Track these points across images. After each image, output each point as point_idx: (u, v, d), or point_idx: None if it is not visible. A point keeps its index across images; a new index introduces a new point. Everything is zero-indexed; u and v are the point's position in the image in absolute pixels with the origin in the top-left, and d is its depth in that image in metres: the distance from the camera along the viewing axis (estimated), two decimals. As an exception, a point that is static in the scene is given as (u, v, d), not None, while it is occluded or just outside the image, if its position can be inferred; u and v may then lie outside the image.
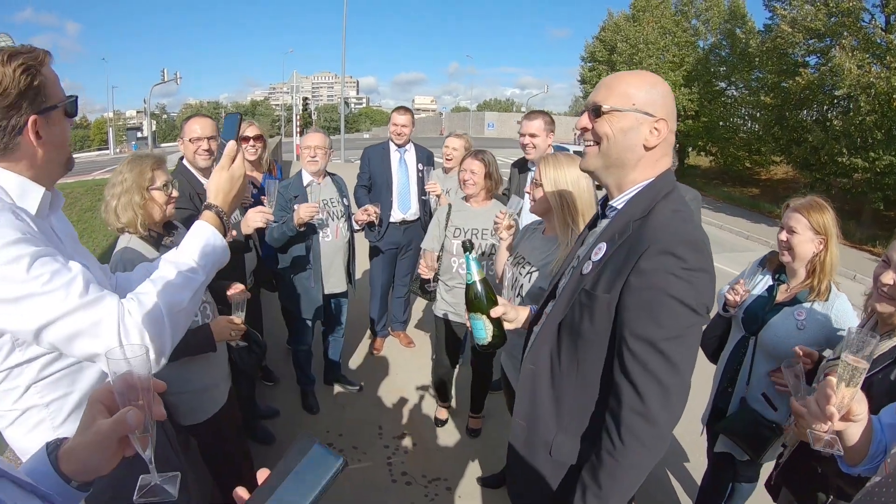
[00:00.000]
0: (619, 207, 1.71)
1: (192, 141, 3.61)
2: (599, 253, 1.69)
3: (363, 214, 4.61)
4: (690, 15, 28.06)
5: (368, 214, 4.62)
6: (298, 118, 41.55)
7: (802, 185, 18.91)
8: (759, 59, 21.29)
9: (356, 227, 4.73)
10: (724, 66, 25.48)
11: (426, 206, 5.55)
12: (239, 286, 2.89)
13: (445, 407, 4.67)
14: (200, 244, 1.61)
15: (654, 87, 1.63)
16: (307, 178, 4.32)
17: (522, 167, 4.64)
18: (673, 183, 1.68)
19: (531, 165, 4.45)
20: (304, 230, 4.09)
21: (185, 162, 3.71)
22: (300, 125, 37.56)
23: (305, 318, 4.47)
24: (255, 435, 4.14)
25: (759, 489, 3.04)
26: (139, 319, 1.40)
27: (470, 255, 2.13)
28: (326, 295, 4.50)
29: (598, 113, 1.64)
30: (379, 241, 5.51)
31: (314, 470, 0.92)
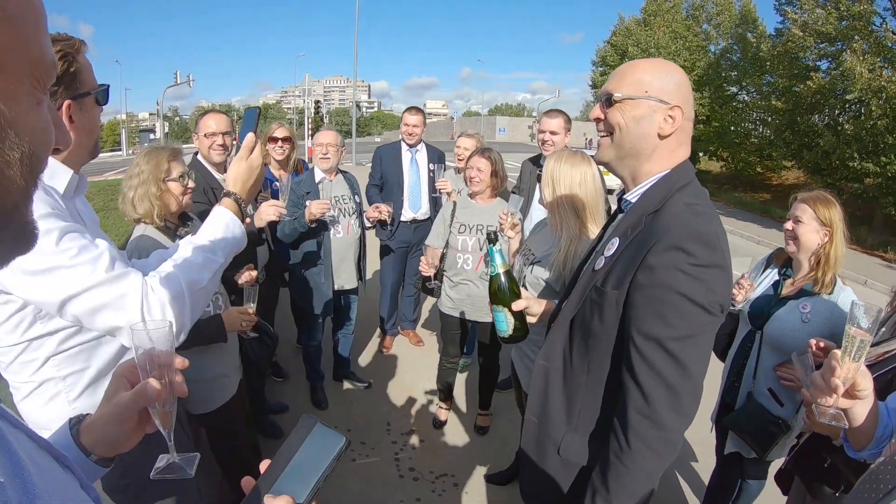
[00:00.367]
0: (633, 201, 1.65)
1: (206, 136, 3.67)
2: (612, 248, 1.63)
3: (375, 212, 4.66)
4: (701, 19, 28.00)
5: (380, 212, 4.68)
6: (310, 121, 41.65)
7: (814, 189, 18.74)
8: (770, 63, 21.11)
9: (367, 224, 4.76)
10: (735, 70, 25.39)
11: (437, 205, 5.56)
12: (251, 273, 2.93)
13: (446, 408, 4.68)
14: (220, 228, 1.64)
15: (668, 73, 1.57)
16: (319, 174, 4.36)
17: (536, 162, 4.67)
18: (690, 175, 1.61)
19: (543, 161, 4.49)
20: (315, 226, 4.13)
21: (199, 157, 3.77)
22: (312, 128, 37.63)
23: (315, 313, 4.50)
24: (263, 429, 4.17)
25: (766, 489, 3.05)
26: (162, 296, 1.44)
27: (494, 246, 2.09)
28: (337, 291, 4.53)
29: (610, 102, 1.59)
30: (389, 239, 5.54)
31: (318, 450, 0.93)
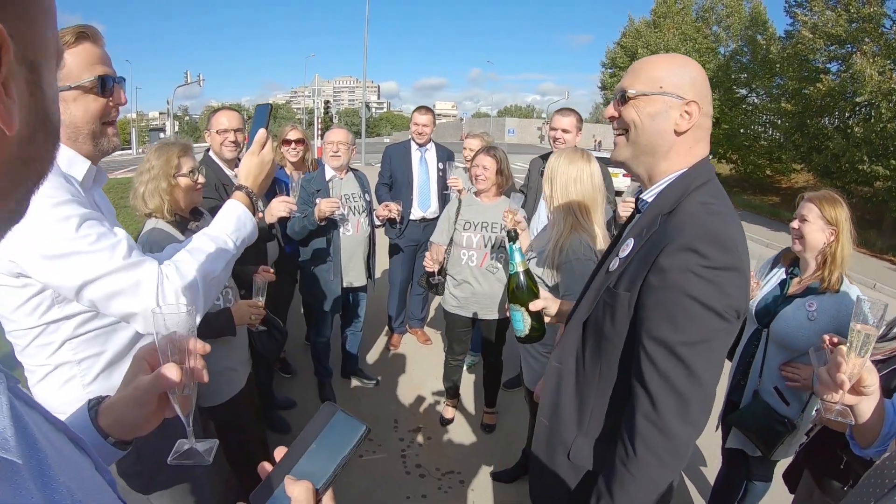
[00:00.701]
0: (649, 201, 1.61)
1: (219, 133, 3.71)
2: (627, 249, 1.59)
3: (384, 210, 4.69)
4: (711, 21, 27.93)
5: (390, 211, 4.71)
6: (319, 121, 41.74)
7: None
8: (779, 65, 21.06)
9: (377, 222, 4.80)
10: (744, 72, 25.30)
11: (446, 203, 5.52)
12: (268, 270, 2.95)
13: (453, 405, 4.70)
14: (232, 220, 1.68)
15: (682, 68, 1.53)
16: (329, 172, 4.38)
17: (545, 160, 4.66)
18: (709, 174, 1.56)
19: None
20: (324, 224, 4.16)
21: (211, 153, 3.80)
22: (321, 128, 37.72)
23: (324, 310, 4.53)
24: (271, 424, 4.21)
25: (773, 491, 3.06)
26: (176, 284, 1.48)
27: (514, 244, 2.05)
28: (346, 289, 4.55)
29: (624, 99, 1.56)
30: (399, 238, 5.57)
31: (339, 436, 0.92)
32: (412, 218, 5.56)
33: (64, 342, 1.63)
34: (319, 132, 35.64)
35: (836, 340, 1.86)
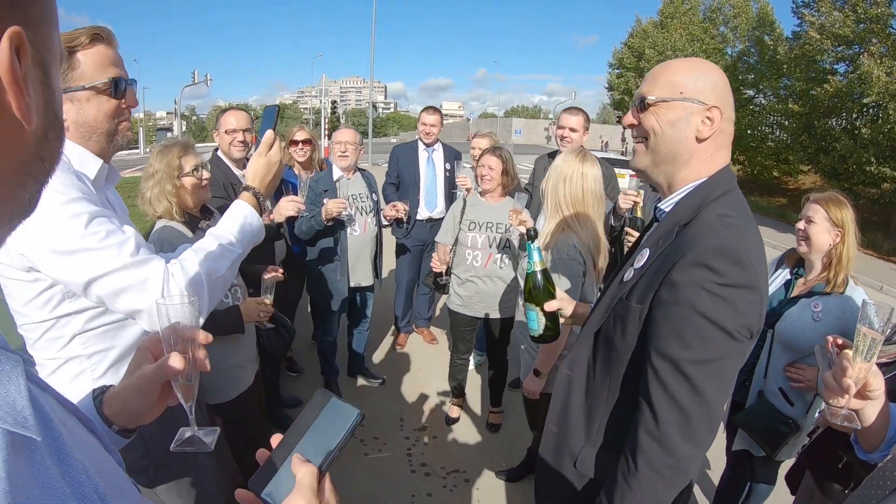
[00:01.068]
0: (667, 210, 1.57)
1: (227, 132, 3.74)
2: (642, 260, 1.56)
3: (391, 210, 4.70)
4: (718, 22, 27.87)
5: (397, 211, 4.73)
6: (327, 121, 41.78)
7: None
8: (787, 66, 20.97)
9: (384, 222, 4.81)
10: (752, 73, 25.13)
11: (453, 202, 5.55)
12: (277, 269, 2.97)
13: (458, 405, 4.71)
14: (239, 220, 1.69)
15: (704, 73, 1.50)
16: (337, 172, 4.40)
17: (552, 157, 4.67)
18: (730, 183, 1.51)
19: None
20: (331, 224, 4.17)
21: (219, 153, 3.83)
22: (328, 128, 37.74)
23: (331, 309, 4.54)
24: (277, 422, 4.21)
25: (776, 492, 3.06)
26: (181, 282, 1.50)
27: (533, 244, 2.03)
28: (352, 288, 4.57)
29: (644, 106, 1.52)
30: (405, 238, 5.59)
31: (333, 423, 0.93)
32: (419, 218, 5.57)
33: (74, 336, 1.65)
34: (326, 132, 35.69)
35: (840, 342, 1.82)
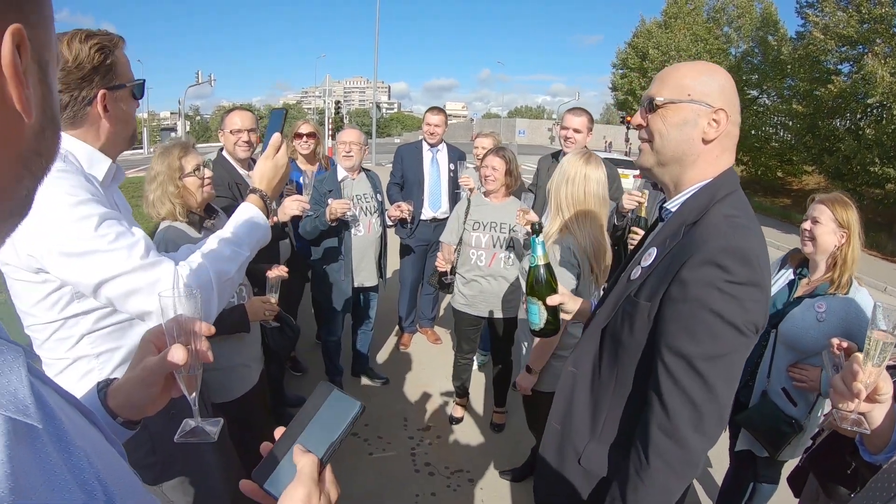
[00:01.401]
0: (673, 210, 1.61)
1: (232, 133, 3.74)
2: (649, 259, 1.60)
3: (396, 210, 4.72)
4: (722, 22, 27.83)
5: (402, 211, 4.75)
6: (330, 122, 41.76)
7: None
8: (791, 66, 20.85)
9: (389, 222, 4.83)
10: (755, 73, 25.00)
11: (457, 202, 5.52)
12: (281, 268, 2.98)
13: (462, 405, 4.73)
14: (246, 222, 1.71)
15: (711, 75, 1.54)
16: (342, 173, 4.41)
17: (556, 158, 4.69)
18: (734, 184, 1.56)
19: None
20: (335, 225, 4.18)
21: (224, 153, 3.84)
22: (332, 129, 37.74)
23: (335, 309, 4.55)
24: (281, 421, 4.16)
25: (778, 493, 3.06)
26: (192, 283, 1.50)
27: (537, 237, 2.07)
28: (356, 288, 4.58)
29: (652, 107, 1.56)
30: (409, 238, 5.60)
31: (334, 415, 0.94)
32: (423, 218, 5.58)
33: (82, 336, 1.66)
34: (330, 132, 35.73)
35: (845, 345, 1.86)
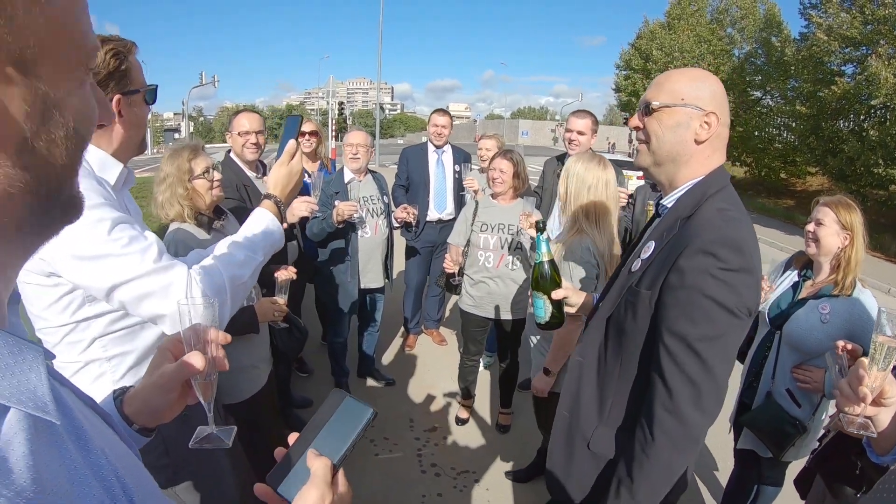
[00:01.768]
0: (669, 206, 1.73)
1: (240, 134, 3.74)
2: (648, 251, 1.71)
3: (403, 212, 4.74)
4: (726, 23, 27.81)
5: (408, 213, 4.77)
6: (334, 122, 41.79)
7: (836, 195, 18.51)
8: (794, 67, 20.78)
9: (395, 224, 4.83)
10: (759, 74, 24.98)
11: (462, 205, 5.52)
12: (290, 269, 3.00)
13: (468, 406, 4.73)
14: (261, 228, 1.71)
15: (702, 81, 1.65)
16: (348, 175, 4.43)
17: (561, 161, 4.69)
18: (725, 180, 1.67)
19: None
20: (342, 227, 4.19)
21: (232, 155, 3.84)
22: (335, 129, 37.79)
23: (341, 310, 4.56)
24: (288, 423, 4.22)
25: (783, 494, 3.07)
26: (205, 288, 1.51)
27: (541, 235, 2.17)
28: (363, 290, 4.59)
29: (649, 110, 1.68)
30: (415, 240, 5.61)
31: (347, 421, 0.97)
32: (428, 219, 5.59)
33: (94, 340, 1.68)
34: (334, 133, 35.73)
35: (850, 347, 1.89)
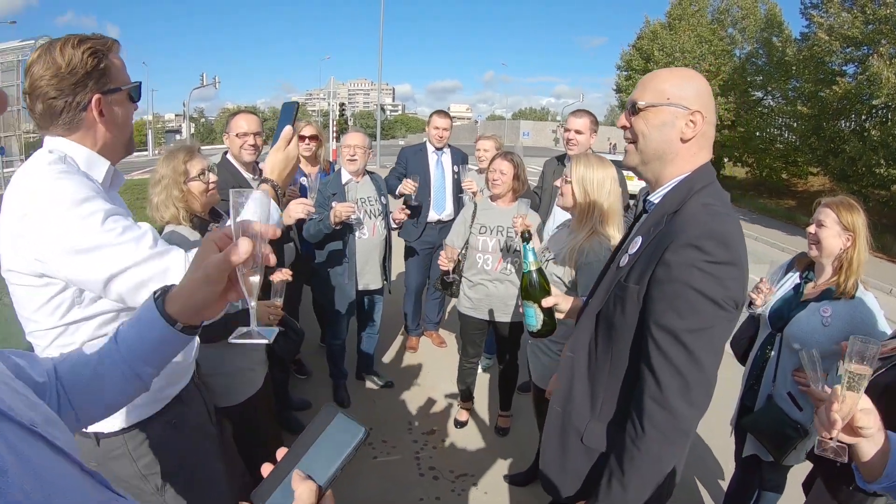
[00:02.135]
0: (655, 202, 1.75)
1: (238, 136, 3.71)
2: (635, 246, 1.73)
3: (401, 213, 4.71)
4: (727, 23, 27.74)
5: (406, 186, 4.81)
6: (335, 124, 41.79)
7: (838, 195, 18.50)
8: (795, 67, 20.79)
9: (393, 225, 4.82)
10: (760, 74, 24.91)
11: (461, 206, 5.54)
12: (285, 271, 2.99)
13: (467, 408, 4.72)
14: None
15: (687, 80, 1.67)
16: (346, 176, 4.41)
17: (560, 161, 4.70)
18: (710, 177, 1.69)
19: (567, 161, 4.50)
20: (339, 228, 4.17)
21: (229, 156, 3.82)
22: (336, 130, 37.76)
23: (339, 312, 4.54)
24: (286, 425, 4.22)
25: (785, 495, 3.06)
26: None
27: (528, 244, 2.18)
28: (361, 291, 4.57)
29: (635, 110, 1.70)
30: (414, 241, 5.59)
31: (338, 439, 0.94)
32: (428, 220, 5.58)
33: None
34: (335, 134, 35.73)
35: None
